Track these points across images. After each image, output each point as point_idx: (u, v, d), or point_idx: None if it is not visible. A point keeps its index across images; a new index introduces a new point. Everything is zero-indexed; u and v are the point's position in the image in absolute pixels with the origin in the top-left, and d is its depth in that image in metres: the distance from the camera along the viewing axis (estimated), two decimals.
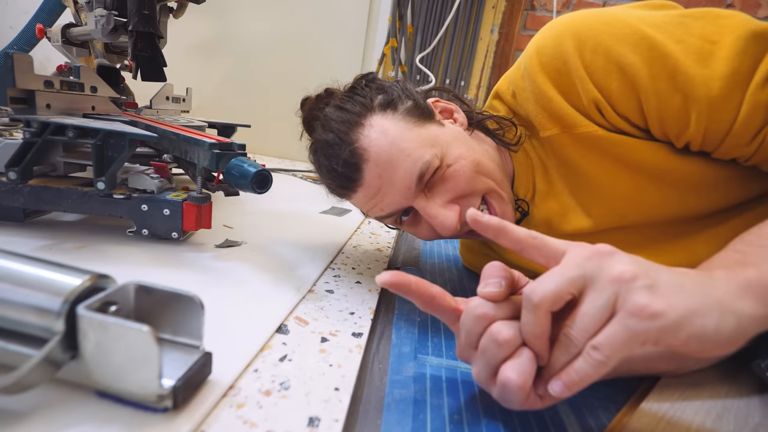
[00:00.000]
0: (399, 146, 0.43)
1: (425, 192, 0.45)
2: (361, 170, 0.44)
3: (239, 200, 0.85)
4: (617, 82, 0.38)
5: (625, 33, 0.37)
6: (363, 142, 0.43)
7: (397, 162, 0.43)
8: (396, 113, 0.45)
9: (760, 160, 0.38)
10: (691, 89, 0.35)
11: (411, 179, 0.43)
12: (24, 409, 0.26)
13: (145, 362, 0.25)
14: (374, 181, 0.44)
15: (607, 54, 0.38)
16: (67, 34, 0.79)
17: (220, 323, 0.38)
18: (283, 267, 0.54)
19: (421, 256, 0.71)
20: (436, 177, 0.44)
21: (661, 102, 0.37)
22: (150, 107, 0.91)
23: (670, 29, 0.36)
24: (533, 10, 1.57)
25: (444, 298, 0.31)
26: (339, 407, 0.30)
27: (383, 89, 0.47)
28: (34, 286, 0.26)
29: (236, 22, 1.64)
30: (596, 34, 0.38)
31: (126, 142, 0.51)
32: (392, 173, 0.43)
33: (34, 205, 0.53)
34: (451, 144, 0.45)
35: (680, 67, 0.35)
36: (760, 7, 1.49)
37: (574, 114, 0.42)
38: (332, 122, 0.46)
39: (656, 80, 0.36)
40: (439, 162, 0.43)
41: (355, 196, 0.47)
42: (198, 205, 0.53)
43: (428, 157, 0.43)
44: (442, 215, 0.44)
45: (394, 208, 0.46)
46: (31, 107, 0.58)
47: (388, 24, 1.54)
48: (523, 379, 0.26)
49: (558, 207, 0.49)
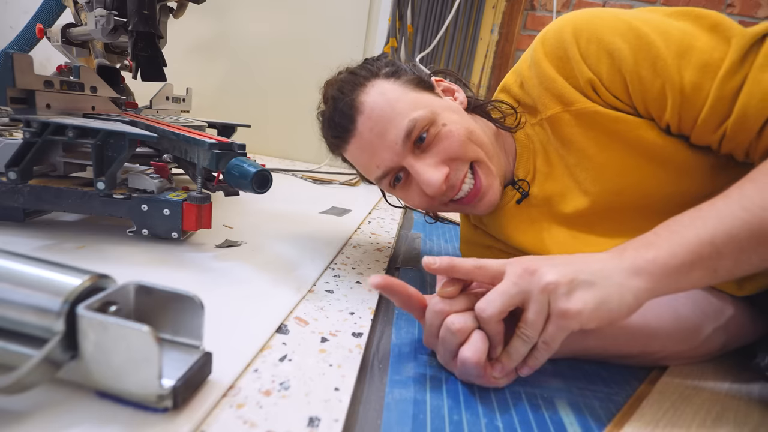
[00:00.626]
0: (392, 105, 0.47)
1: (416, 152, 0.48)
2: (354, 121, 0.48)
3: (239, 200, 0.85)
4: (606, 65, 0.42)
5: (616, 25, 0.42)
6: (361, 97, 0.48)
7: (389, 118, 0.47)
8: (398, 80, 0.50)
9: (728, 150, 0.41)
10: (668, 75, 0.39)
11: (399, 135, 0.46)
12: (24, 409, 0.26)
13: (145, 362, 0.25)
14: (366, 134, 0.48)
15: (599, 42, 0.42)
16: (67, 34, 0.79)
17: (220, 323, 0.38)
18: (283, 267, 0.54)
19: (421, 256, 0.71)
20: (429, 137, 0.47)
21: (643, 84, 0.41)
22: (150, 107, 0.91)
23: (656, 23, 0.41)
24: (533, 10, 1.57)
25: (417, 297, 0.37)
26: (339, 407, 0.30)
27: (393, 63, 0.53)
28: (34, 286, 0.26)
29: (236, 22, 1.64)
30: (591, 26, 0.43)
31: (126, 142, 0.51)
32: (383, 128, 0.47)
33: (34, 205, 0.53)
34: (447, 110, 0.49)
35: (661, 55, 0.39)
36: (760, 7, 1.49)
37: (573, 92, 0.45)
38: (342, 83, 0.51)
39: (639, 65, 0.41)
40: (428, 123, 0.47)
41: (349, 149, 0.51)
42: (198, 205, 0.53)
43: (416, 115, 0.46)
44: (428, 173, 0.47)
45: (387, 165, 0.49)
46: (31, 107, 0.58)
47: (388, 24, 1.54)
48: (477, 356, 0.32)
49: (557, 188, 0.50)
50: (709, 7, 1.32)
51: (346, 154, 0.53)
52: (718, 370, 0.42)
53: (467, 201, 0.49)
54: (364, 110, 0.47)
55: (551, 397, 0.35)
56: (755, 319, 0.44)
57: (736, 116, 0.37)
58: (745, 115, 0.37)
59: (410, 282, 0.59)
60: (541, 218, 0.52)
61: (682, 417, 0.33)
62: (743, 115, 0.37)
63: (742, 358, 0.44)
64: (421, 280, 0.60)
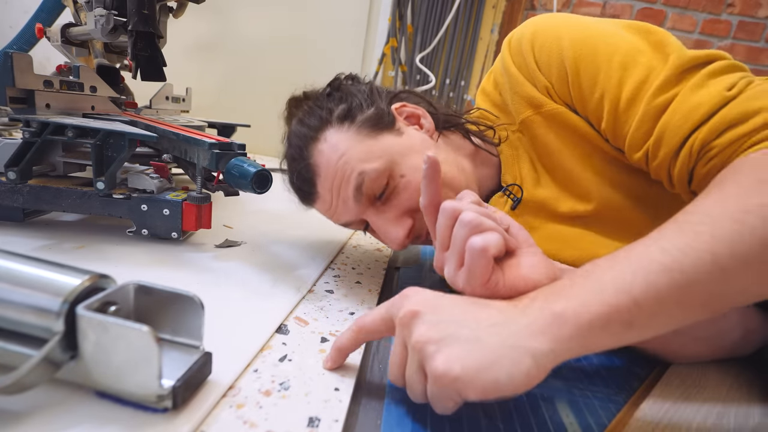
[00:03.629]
0: (345, 160, 0.45)
1: (377, 204, 0.46)
2: (314, 184, 0.47)
3: (239, 200, 0.85)
4: (555, 73, 0.43)
5: (571, 33, 0.42)
6: (316, 157, 0.46)
7: (343, 175, 0.45)
8: (352, 125, 0.46)
9: (656, 175, 0.39)
10: (608, 87, 0.39)
11: (350, 193, 0.45)
12: (24, 409, 0.25)
13: (145, 362, 0.25)
14: (327, 194, 0.47)
15: (550, 50, 0.43)
16: (67, 33, 0.79)
17: (220, 323, 0.38)
18: (283, 267, 0.54)
19: (421, 255, 0.71)
20: (388, 191, 0.45)
21: (582, 93, 0.41)
22: (150, 107, 0.90)
23: (609, 34, 0.40)
24: (533, 10, 1.57)
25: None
26: (339, 407, 0.30)
27: (346, 98, 0.48)
28: (34, 286, 0.26)
29: (236, 22, 1.63)
30: (546, 34, 0.43)
31: (126, 142, 0.51)
32: (339, 187, 0.45)
33: (34, 205, 0.53)
34: (407, 155, 0.46)
35: (602, 67, 0.39)
36: (760, 7, 1.49)
37: (539, 95, 0.45)
38: (294, 137, 0.50)
39: (581, 75, 0.41)
40: (382, 175, 0.44)
41: (316, 207, 0.51)
42: (198, 205, 0.53)
43: (366, 168, 0.44)
44: (388, 229, 0.46)
45: (348, 219, 0.48)
46: (30, 107, 0.58)
47: (388, 24, 1.54)
48: (484, 241, 0.29)
49: (549, 193, 0.49)
50: (709, 8, 1.32)
51: (316, 208, 0.52)
52: (719, 370, 0.42)
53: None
54: (320, 173, 0.46)
55: (551, 397, 0.35)
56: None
57: (656, 133, 0.36)
58: (664, 131, 0.35)
59: (409, 281, 0.59)
60: (539, 224, 0.50)
61: (683, 417, 0.33)
62: (663, 131, 0.36)
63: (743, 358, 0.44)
64: (421, 279, 0.60)
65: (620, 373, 0.40)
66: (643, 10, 1.54)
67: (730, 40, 1.53)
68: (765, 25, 1.51)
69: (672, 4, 1.52)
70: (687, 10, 1.52)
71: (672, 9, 1.52)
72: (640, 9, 1.54)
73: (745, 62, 1.60)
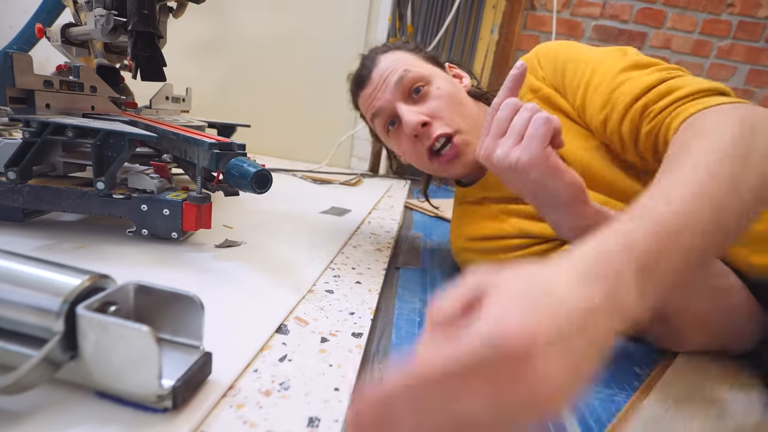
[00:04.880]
0: (400, 60, 0.59)
1: (409, 101, 0.57)
2: (371, 72, 0.61)
3: (239, 200, 0.85)
4: (550, 71, 0.54)
5: (568, 50, 0.54)
6: (381, 56, 0.61)
7: (393, 68, 0.58)
8: (417, 53, 0.62)
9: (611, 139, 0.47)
10: (582, 78, 0.49)
11: (393, 80, 0.57)
12: (24, 409, 0.25)
13: (145, 362, 0.25)
14: (376, 78, 0.60)
15: (547, 56, 0.55)
16: (67, 33, 0.79)
17: (220, 323, 0.38)
18: (283, 267, 0.54)
19: (421, 256, 0.71)
20: (423, 92, 0.57)
21: (565, 83, 0.52)
22: (150, 107, 0.90)
23: (597, 49, 0.52)
24: (533, 10, 1.57)
25: None
26: (339, 407, 0.30)
27: (415, 45, 0.65)
28: (34, 286, 0.26)
29: (236, 22, 1.63)
30: (548, 47, 0.56)
31: (126, 142, 0.51)
32: (387, 74, 0.58)
33: (34, 205, 0.53)
34: (447, 81, 0.59)
35: (581, 66, 0.50)
36: (760, 7, 1.49)
37: (537, 83, 0.56)
38: (372, 50, 0.64)
39: (566, 72, 0.52)
40: (423, 79, 0.57)
41: (361, 94, 0.62)
42: (198, 205, 0.53)
43: (410, 68, 0.57)
44: (410, 114, 0.55)
45: (383, 103, 0.59)
46: (30, 107, 0.58)
47: (388, 24, 1.54)
48: (548, 114, 0.36)
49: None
50: (709, 8, 1.35)
51: (359, 100, 0.63)
52: (719, 370, 0.42)
53: (446, 158, 0.55)
54: (380, 65, 0.60)
55: None
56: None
57: (610, 103, 0.45)
58: (616, 100, 0.44)
59: (410, 281, 0.59)
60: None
61: (684, 416, 0.33)
62: (615, 101, 0.44)
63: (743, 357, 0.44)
64: (421, 279, 0.60)
65: (620, 373, 0.40)
66: (643, 10, 1.53)
67: (730, 40, 1.53)
68: (765, 25, 1.51)
69: (672, 4, 1.52)
70: (687, 10, 1.52)
71: (672, 9, 1.52)
72: (639, 9, 1.53)
73: (745, 62, 1.59)
